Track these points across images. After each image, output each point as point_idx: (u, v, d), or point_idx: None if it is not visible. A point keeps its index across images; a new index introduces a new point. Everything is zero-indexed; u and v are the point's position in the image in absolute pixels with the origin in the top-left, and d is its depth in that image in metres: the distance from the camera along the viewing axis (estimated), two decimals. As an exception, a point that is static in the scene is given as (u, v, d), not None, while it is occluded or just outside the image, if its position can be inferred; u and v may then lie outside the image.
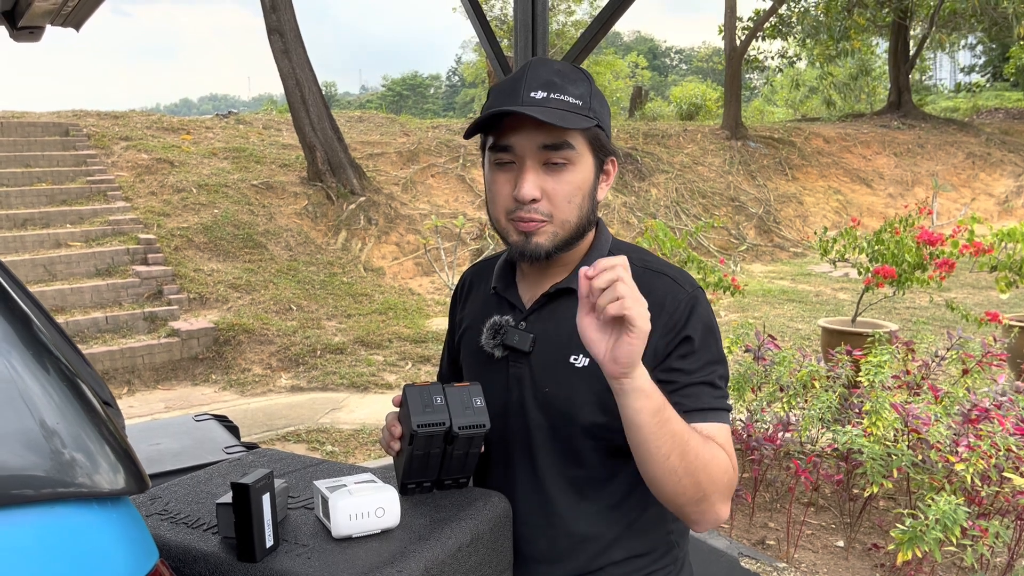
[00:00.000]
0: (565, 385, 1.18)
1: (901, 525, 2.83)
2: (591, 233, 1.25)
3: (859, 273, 5.44)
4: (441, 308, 8.91)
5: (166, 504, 1.22)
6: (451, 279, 7.86)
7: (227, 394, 6.35)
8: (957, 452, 3.05)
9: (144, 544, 0.78)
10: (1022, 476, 2.91)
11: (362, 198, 10.94)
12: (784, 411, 3.94)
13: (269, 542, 1.04)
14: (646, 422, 1.01)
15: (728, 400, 1.17)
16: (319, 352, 7.10)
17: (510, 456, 1.25)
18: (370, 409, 5.84)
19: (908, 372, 3.99)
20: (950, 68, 44.86)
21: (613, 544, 1.21)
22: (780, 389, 3.99)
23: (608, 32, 2.90)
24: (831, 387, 3.85)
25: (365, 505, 1.07)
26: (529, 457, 1.23)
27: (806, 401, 3.92)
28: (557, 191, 1.14)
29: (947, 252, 5.16)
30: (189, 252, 8.76)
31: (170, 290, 7.91)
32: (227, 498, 1.07)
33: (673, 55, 70.88)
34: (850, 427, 3.30)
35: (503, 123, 1.15)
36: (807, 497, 3.84)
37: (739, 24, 18.38)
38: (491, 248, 10.45)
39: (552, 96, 1.12)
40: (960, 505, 2.74)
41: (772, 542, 3.54)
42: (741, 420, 3.88)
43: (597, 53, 25.91)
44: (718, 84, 29.26)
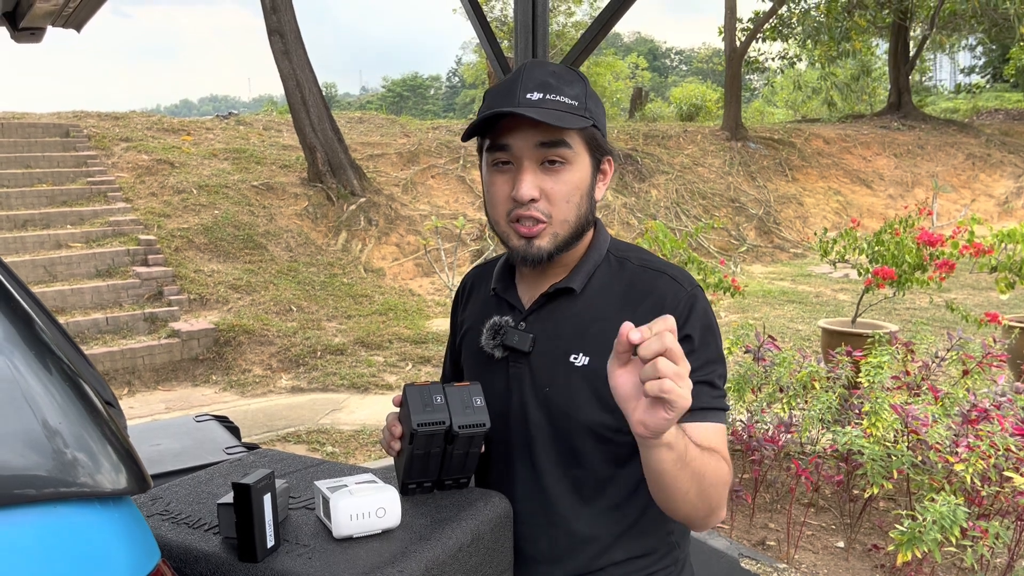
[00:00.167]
0: (565, 385, 1.19)
1: (901, 526, 2.83)
2: (589, 233, 1.26)
3: (859, 274, 5.44)
4: (441, 309, 8.91)
5: (167, 504, 1.22)
6: (451, 280, 7.86)
7: (227, 395, 6.35)
8: (956, 453, 3.05)
9: (146, 544, 0.78)
10: (1022, 476, 2.91)
11: (362, 199, 10.94)
12: (784, 412, 3.94)
13: (270, 542, 1.04)
14: (668, 470, 1.02)
15: (726, 399, 1.18)
16: (319, 353, 7.10)
17: (511, 456, 1.25)
18: (370, 410, 5.84)
19: (908, 373, 3.99)
20: (950, 69, 44.87)
21: (614, 545, 1.21)
22: (780, 390, 3.99)
23: (608, 33, 2.91)
24: (831, 388, 3.85)
25: (366, 505, 1.07)
26: (530, 457, 1.23)
27: (806, 402, 3.92)
28: (555, 190, 1.15)
29: (947, 253, 5.16)
30: (189, 253, 8.77)
31: (170, 291, 7.91)
32: (228, 498, 1.07)
33: (673, 56, 70.92)
34: (850, 428, 3.30)
35: (500, 124, 1.16)
36: (807, 498, 3.84)
37: (739, 25, 18.40)
38: (491, 249, 10.45)
39: (548, 97, 1.13)
40: (959, 505, 2.74)
41: (772, 543, 3.54)
42: (741, 421, 3.89)
43: (597, 54, 25.94)
44: (718, 85, 29.26)
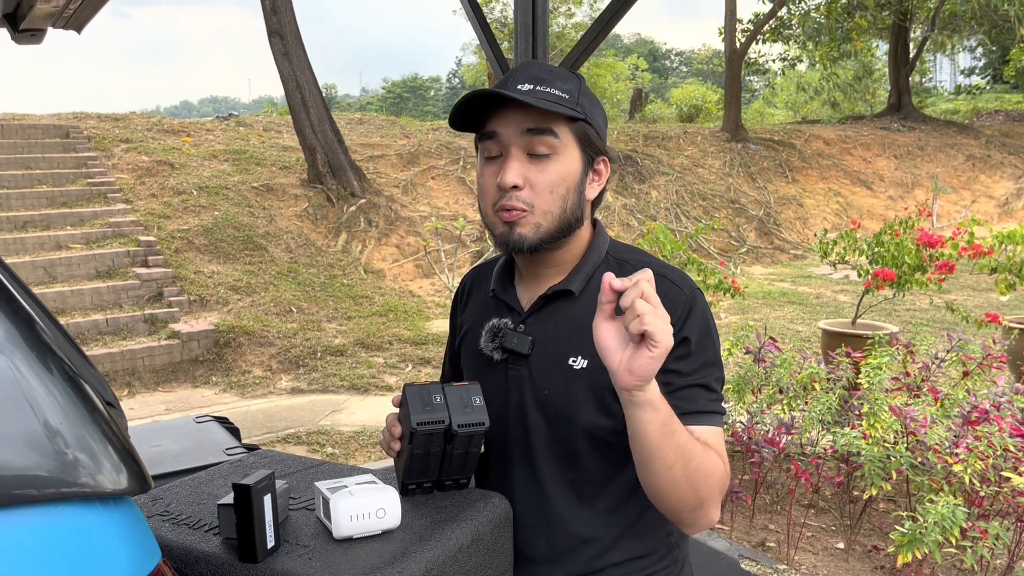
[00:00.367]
0: (564, 387, 1.19)
1: (901, 527, 2.83)
2: (586, 234, 1.25)
3: (859, 275, 5.44)
4: (441, 310, 8.91)
5: (167, 505, 1.22)
6: (451, 281, 7.86)
7: (227, 396, 6.35)
8: (956, 454, 3.05)
9: (147, 544, 0.79)
10: (1021, 476, 2.91)
11: (362, 200, 10.94)
12: (784, 413, 3.94)
13: (270, 543, 1.04)
14: (653, 434, 1.01)
15: (723, 403, 1.18)
16: (319, 354, 7.10)
17: (510, 458, 1.25)
18: (370, 411, 5.84)
19: (908, 374, 3.99)
20: (950, 70, 44.91)
21: (613, 546, 1.21)
22: (780, 391, 4.00)
23: (608, 34, 2.91)
24: (831, 389, 3.85)
25: (366, 506, 1.07)
26: (528, 459, 1.23)
27: (806, 403, 3.92)
28: (540, 180, 1.16)
29: (947, 254, 5.17)
30: (189, 254, 8.77)
31: (170, 292, 7.91)
32: (228, 499, 1.07)
33: (673, 57, 70.95)
34: (849, 429, 3.30)
35: (490, 114, 1.17)
36: (807, 499, 3.84)
37: (739, 26, 18.40)
38: (491, 250, 10.46)
39: (539, 88, 1.15)
40: (959, 506, 2.74)
41: (772, 544, 3.54)
42: (741, 422, 3.89)
43: (597, 55, 25.95)
44: (718, 86, 29.26)
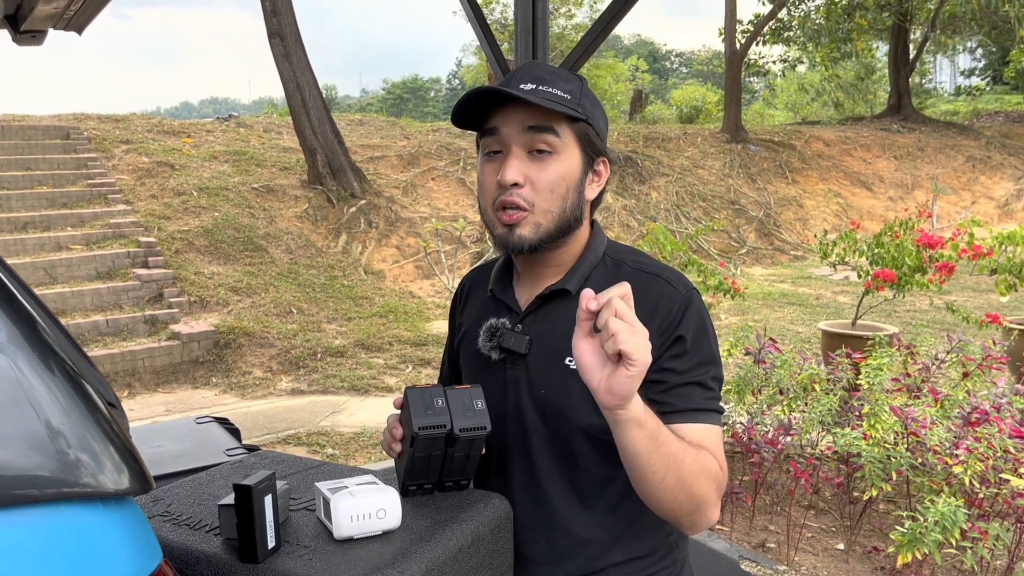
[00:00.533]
0: (561, 386, 1.19)
1: (901, 528, 2.83)
2: (584, 235, 1.26)
3: (859, 276, 5.44)
4: (441, 311, 8.91)
5: (168, 506, 1.23)
6: (451, 282, 7.86)
7: (227, 397, 6.35)
8: (955, 455, 3.05)
9: (148, 544, 0.79)
10: (1020, 478, 2.92)
11: (362, 201, 10.95)
12: (784, 414, 3.94)
13: (271, 543, 1.04)
14: (641, 450, 1.01)
15: (720, 402, 1.17)
16: (319, 355, 7.10)
17: (508, 458, 1.25)
18: (370, 412, 5.84)
19: (908, 375, 3.99)
20: (950, 72, 44.92)
21: (613, 546, 1.21)
22: (780, 392, 4.00)
23: (608, 35, 2.91)
24: (831, 390, 3.85)
25: (366, 506, 1.07)
26: (527, 459, 1.23)
27: (806, 404, 3.92)
28: (540, 178, 1.16)
29: (947, 255, 5.17)
30: (189, 255, 8.77)
31: (170, 293, 7.92)
32: (229, 500, 1.07)
33: (673, 58, 70.97)
34: (849, 430, 3.30)
35: (492, 112, 1.18)
36: (807, 500, 3.84)
37: (739, 27, 18.41)
38: (491, 251, 10.46)
39: (541, 88, 1.16)
40: (959, 507, 2.74)
41: (772, 545, 3.54)
42: (742, 423, 3.89)
43: (597, 56, 25.96)
44: (718, 87, 29.27)
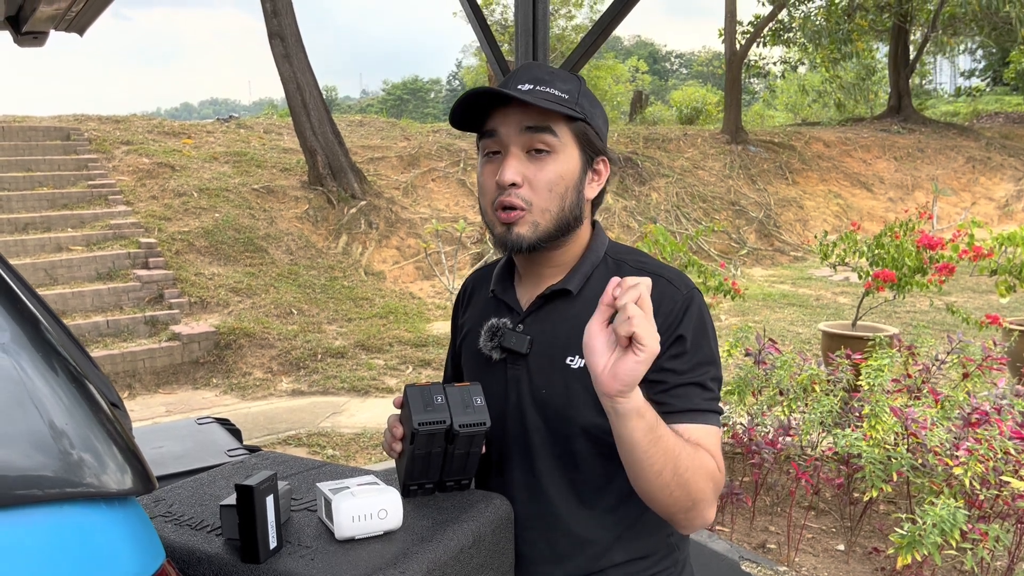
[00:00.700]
0: (561, 386, 1.19)
1: (901, 529, 2.83)
2: (585, 234, 1.26)
3: (859, 277, 5.45)
4: (442, 312, 8.92)
5: (170, 506, 1.23)
6: (452, 283, 7.86)
7: (228, 398, 6.36)
8: (956, 456, 3.05)
9: (151, 544, 0.79)
10: (1021, 479, 2.92)
11: (363, 202, 10.95)
12: (785, 415, 3.94)
13: (273, 543, 1.05)
14: (640, 441, 1.01)
15: (719, 403, 1.17)
16: (320, 356, 7.10)
17: (509, 458, 1.26)
18: (371, 413, 5.84)
19: (908, 376, 3.99)
20: (950, 72, 44.93)
21: (613, 546, 1.21)
22: (780, 393, 4.00)
23: (609, 36, 2.91)
24: (832, 391, 3.86)
25: (368, 507, 1.07)
26: (528, 459, 1.23)
27: (807, 405, 3.92)
28: (538, 178, 1.17)
29: (947, 256, 5.17)
30: (190, 256, 8.77)
31: (171, 294, 7.92)
32: (231, 500, 1.08)
33: (673, 59, 70.98)
34: (849, 431, 3.30)
35: (491, 113, 1.19)
36: (807, 501, 3.84)
37: (739, 28, 18.41)
38: (491, 252, 10.46)
39: (539, 88, 1.16)
40: (959, 508, 2.74)
41: (773, 546, 3.54)
42: (742, 424, 3.89)
43: (598, 57, 25.96)
44: (718, 88, 29.28)
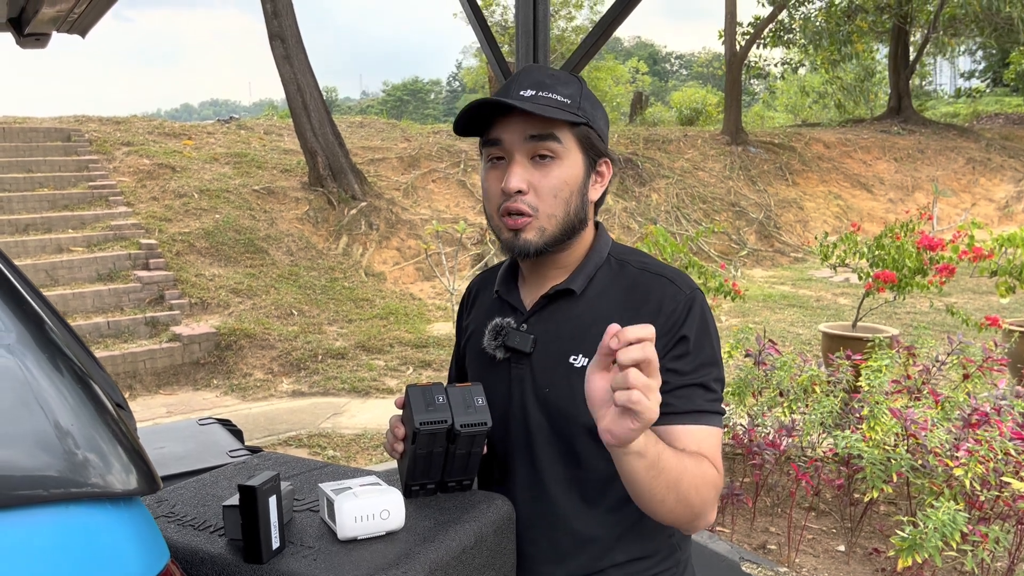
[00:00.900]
0: (565, 385, 1.19)
1: (901, 532, 2.83)
2: (589, 235, 1.27)
3: (859, 278, 5.45)
4: (442, 313, 8.92)
5: (172, 507, 1.23)
6: (452, 284, 7.86)
7: (228, 399, 6.36)
8: (956, 457, 3.06)
9: (156, 544, 0.79)
10: (1021, 480, 2.92)
11: (363, 203, 10.95)
12: (785, 416, 3.94)
13: (275, 544, 1.05)
14: (641, 478, 1.02)
15: (721, 404, 1.18)
16: (320, 357, 7.10)
17: (512, 457, 1.26)
18: (371, 414, 5.85)
19: (908, 377, 4.00)
20: (950, 73, 44.93)
21: (615, 546, 1.22)
22: (781, 394, 4.00)
23: (610, 37, 2.92)
24: (832, 392, 3.86)
25: (370, 507, 1.08)
26: (531, 458, 1.24)
27: (807, 406, 3.93)
28: (543, 184, 1.17)
29: (947, 257, 5.17)
30: (191, 257, 8.78)
31: (172, 295, 7.92)
32: (234, 500, 1.08)
33: (673, 60, 71.00)
34: (849, 432, 3.30)
35: (494, 121, 1.19)
36: (808, 502, 3.84)
37: (739, 29, 18.42)
38: (492, 253, 10.47)
39: (540, 94, 1.16)
40: (960, 510, 2.74)
41: (773, 547, 3.54)
42: (742, 425, 3.89)
43: (598, 59, 25.97)
44: (718, 89, 29.29)
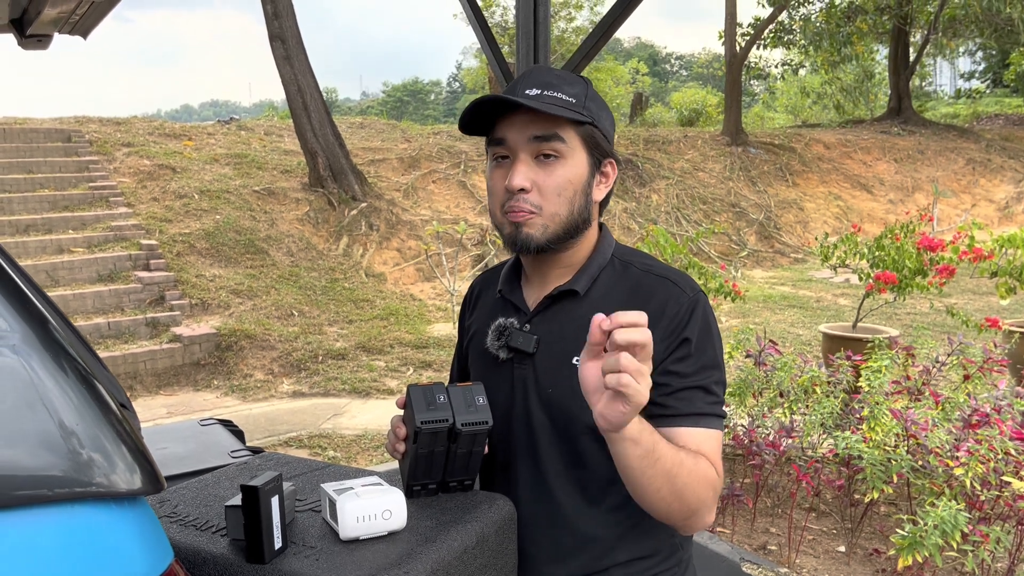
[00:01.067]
0: (568, 385, 1.19)
1: (902, 531, 2.83)
2: (593, 236, 1.27)
3: (860, 279, 5.45)
4: (443, 314, 8.92)
5: (175, 507, 1.23)
6: (452, 285, 7.86)
7: (229, 400, 6.36)
8: (956, 457, 3.06)
9: (160, 543, 0.79)
10: (1022, 480, 2.92)
11: (363, 204, 10.96)
12: (785, 416, 3.94)
13: (278, 544, 1.05)
14: (635, 465, 1.03)
15: (723, 407, 1.18)
16: (321, 358, 7.11)
17: (515, 456, 1.26)
18: (372, 415, 5.85)
19: (908, 377, 4.00)
20: (950, 74, 44.93)
21: (617, 545, 1.22)
22: (781, 395, 4.00)
23: (610, 38, 2.92)
24: (832, 393, 3.86)
25: (372, 507, 1.08)
26: (533, 457, 1.24)
27: (807, 406, 3.93)
28: (547, 183, 1.18)
29: (947, 258, 5.18)
30: (191, 258, 8.78)
31: (172, 296, 7.92)
32: (236, 500, 1.08)
33: (673, 61, 70.96)
34: (850, 433, 3.31)
35: (499, 120, 1.20)
36: (808, 502, 3.85)
37: (739, 30, 18.43)
38: (492, 254, 10.47)
39: (546, 93, 1.17)
40: (960, 510, 2.74)
41: (774, 547, 3.54)
42: (743, 425, 3.89)
43: (598, 60, 25.98)
44: (718, 90, 29.29)
